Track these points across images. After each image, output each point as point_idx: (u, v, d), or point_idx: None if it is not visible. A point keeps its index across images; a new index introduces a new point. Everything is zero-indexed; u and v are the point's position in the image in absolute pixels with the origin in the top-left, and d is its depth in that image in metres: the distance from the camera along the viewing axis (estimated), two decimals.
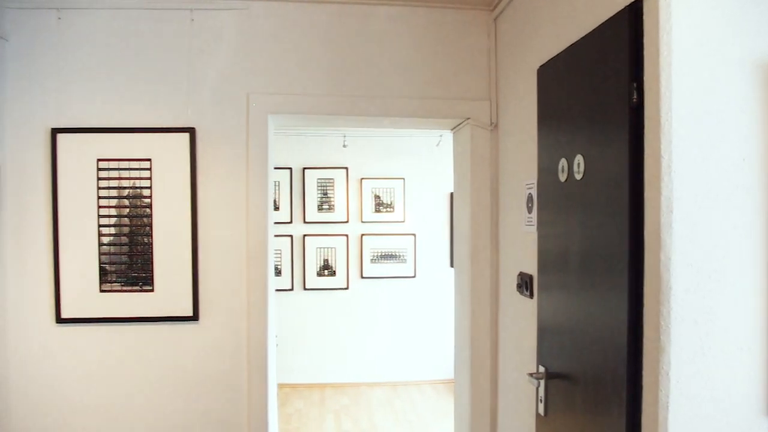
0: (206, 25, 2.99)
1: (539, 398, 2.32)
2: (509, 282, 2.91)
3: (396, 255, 6.52)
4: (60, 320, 2.98)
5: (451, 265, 6.44)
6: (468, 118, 3.10)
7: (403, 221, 6.54)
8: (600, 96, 1.85)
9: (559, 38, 2.26)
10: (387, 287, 6.57)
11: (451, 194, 6.39)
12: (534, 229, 2.51)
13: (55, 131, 2.94)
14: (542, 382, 2.28)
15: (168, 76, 2.99)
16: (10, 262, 2.96)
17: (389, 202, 6.51)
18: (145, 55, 2.98)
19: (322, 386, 6.50)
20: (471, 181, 3.12)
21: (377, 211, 6.51)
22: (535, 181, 2.48)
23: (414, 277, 6.57)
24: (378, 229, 6.52)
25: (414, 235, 6.55)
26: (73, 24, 2.95)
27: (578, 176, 1.99)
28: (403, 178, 6.53)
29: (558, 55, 2.22)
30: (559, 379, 2.15)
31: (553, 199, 2.25)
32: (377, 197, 6.50)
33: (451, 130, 3.41)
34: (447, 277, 6.48)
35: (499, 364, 3.09)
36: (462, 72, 3.13)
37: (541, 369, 2.31)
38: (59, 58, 2.95)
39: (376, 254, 6.51)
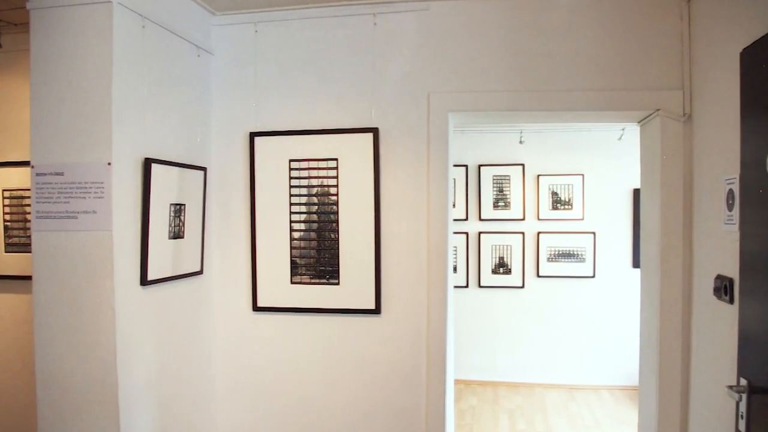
0: (388, 28, 3.11)
1: (740, 414, 2.12)
2: (704, 285, 2.68)
3: (574, 254, 6.28)
4: (256, 308, 3.28)
5: (634, 266, 6.10)
6: (658, 110, 2.91)
7: (582, 219, 6.28)
8: None
9: (766, 17, 2.04)
10: (564, 287, 6.35)
11: (635, 190, 6.04)
12: (735, 228, 2.29)
13: (252, 135, 3.23)
14: (744, 396, 2.08)
15: (353, 79, 3.15)
16: (216, 253, 3.32)
17: (567, 199, 6.29)
18: (332, 60, 3.17)
19: (496, 384, 6.46)
20: (661, 176, 2.91)
21: (554, 208, 6.31)
22: (736, 175, 2.26)
23: (593, 277, 6.28)
24: (555, 227, 6.33)
25: (593, 233, 6.26)
26: (268, 35, 3.23)
27: None
28: (582, 174, 6.26)
29: (766, 35, 2.01)
30: (766, 394, 1.95)
31: (760, 195, 2.04)
32: (554, 194, 6.31)
33: (638, 122, 3.22)
34: (629, 277, 6.12)
35: (690, 373, 2.86)
36: (651, 60, 2.93)
37: (743, 382, 2.10)
38: (256, 67, 3.25)
39: (552, 253, 6.32)
